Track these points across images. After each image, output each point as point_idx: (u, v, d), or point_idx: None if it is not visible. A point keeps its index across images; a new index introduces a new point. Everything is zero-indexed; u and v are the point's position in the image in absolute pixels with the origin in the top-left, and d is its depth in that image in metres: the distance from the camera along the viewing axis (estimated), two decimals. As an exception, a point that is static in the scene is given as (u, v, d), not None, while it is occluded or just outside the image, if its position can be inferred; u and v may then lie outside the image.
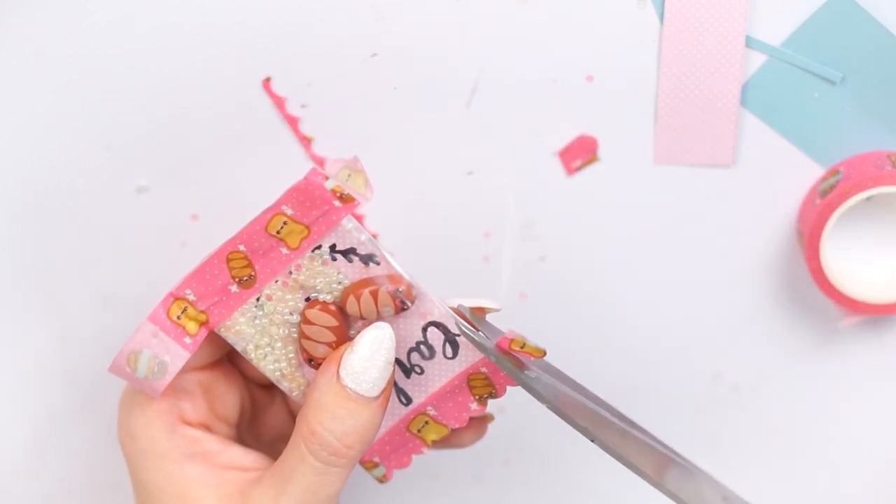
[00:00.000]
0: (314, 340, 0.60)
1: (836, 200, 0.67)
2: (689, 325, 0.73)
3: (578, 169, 0.71)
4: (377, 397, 0.58)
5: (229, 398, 0.63)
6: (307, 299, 0.60)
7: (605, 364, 0.73)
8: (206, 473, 0.60)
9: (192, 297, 0.59)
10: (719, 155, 0.70)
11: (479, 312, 0.62)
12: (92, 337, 0.73)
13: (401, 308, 0.59)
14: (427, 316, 0.60)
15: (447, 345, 0.60)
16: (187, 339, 0.59)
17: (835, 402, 0.74)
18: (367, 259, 0.59)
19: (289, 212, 0.58)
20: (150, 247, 0.72)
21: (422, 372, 0.61)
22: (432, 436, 0.63)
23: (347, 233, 0.59)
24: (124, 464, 0.74)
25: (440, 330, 0.60)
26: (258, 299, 0.59)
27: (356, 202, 0.58)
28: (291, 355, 0.61)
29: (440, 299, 0.60)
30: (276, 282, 0.59)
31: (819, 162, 0.70)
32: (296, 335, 0.60)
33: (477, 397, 0.62)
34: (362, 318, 0.60)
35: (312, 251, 0.59)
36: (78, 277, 0.72)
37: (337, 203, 0.58)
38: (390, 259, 0.59)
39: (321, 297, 0.60)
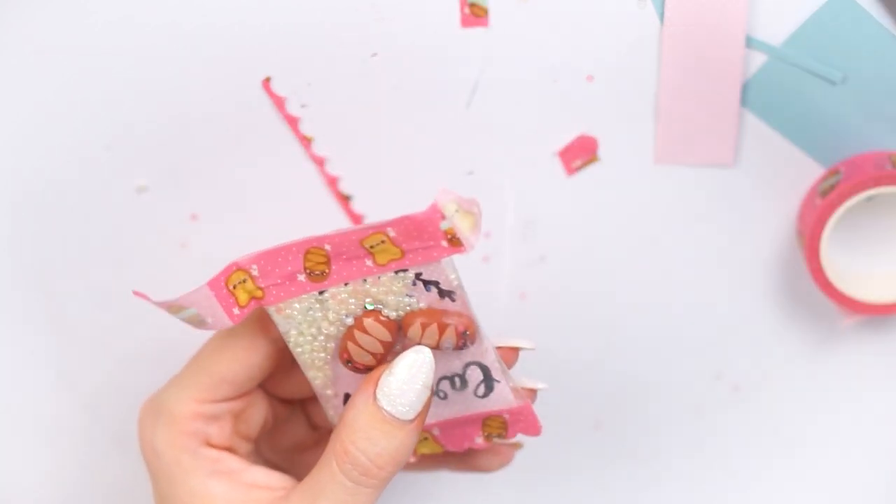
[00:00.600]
0: (362, 348, 0.59)
1: (837, 200, 0.67)
2: (689, 325, 0.73)
3: (578, 169, 0.71)
4: (412, 420, 0.58)
5: (254, 419, 0.63)
6: (366, 307, 0.59)
7: (605, 364, 0.73)
8: (231, 491, 0.60)
9: (255, 273, 0.59)
10: (719, 155, 0.70)
11: (513, 353, 0.62)
12: (92, 337, 0.73)
13: (460, 348, 0.59)
14: (475, 357, 0.60)
15: (482, 385, 0.60)
16: (235, 310, 0.59)
17: (835, 402, 0.74)
18: (446, 294, 0.59)
19: (391, 234, 0.57)
20: (150, 247, 0.72)
21: (444, 397, 0.61)
22: (424, 449, 0.63)
23: (440, 270, 0.58)
24: (124, 464, 0.74)
25: (481, 371, 0.60)
26: (321, 293, 0.59)
27: (463, 248, 0.57)
28: (330, 351, 0.60)
29: (493, 345, 0.60)
30: (347, 285, 0.59)
31: (819, 162, 0.70)
32: (341, 334, 0.60)
33: (485, 434, 0.62)
34: (419, 344, 0.59)
35: (396, 272, 0.58)
36: (78, 277, 0.72)
37: (444, 244, 0.57)
38: (468, 301, 0.59)
39: (385, 311, 0.59)
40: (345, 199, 0.71)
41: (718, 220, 0.71)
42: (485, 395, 0.61)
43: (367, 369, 0.60)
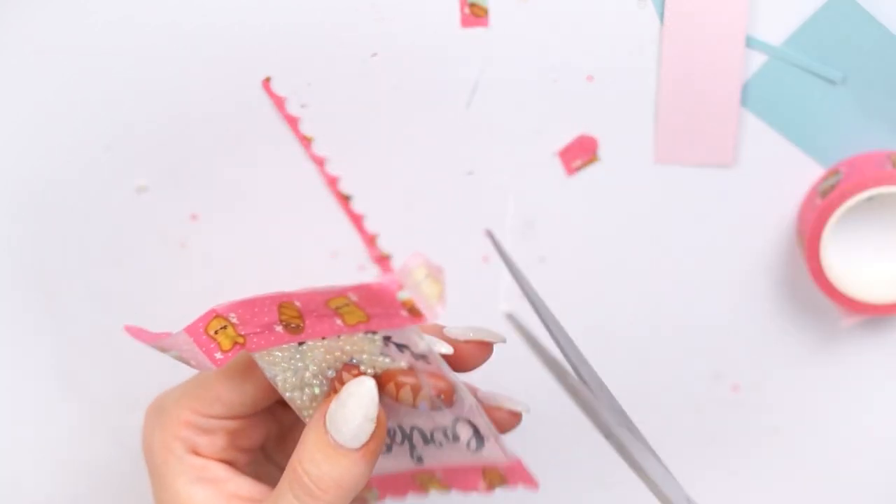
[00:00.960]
0: None
1: (837, 200, 0.67)
2: (688, 326, 0.73)
3: (578, 169, 0.71)
4: (357, 449, 0.58)
5: (254, 435, 0.64)
6: (345, 362, 0.59)
7: (604, 364, 0.73)
8: (212, 498, 0.61)
9: (234, 320, 0.59)
10: (719, 155, 0.70)
11: (513, 416, 0.62)
12: (92, 337, 0.73)
13: (436, 409, 0.59)
14: (461, 414, 0.60)
15: (473, 440, 0.60)
16: (218, 355, 0.59)
17: (835, 402, 0.74)
18: (419, 357, 0.58)
19: (353, 298, 0.56)
20: (150, 247, 0.72)
21: (441, 446, 0.61)
22: (435, 487, 0.63)
23: (407, 335, 0.58)
24: (124, 464, 0.75)
25: (470, 427, 0.60)
26: (301, 344, 0.59)
27: (422, 318, 0.56)
28: (316, 399, 0.60)
29: (476, 404, 0.60)
30: (323, 339, 0.59)
31: (819, 162, 0.70)
32: (325, 388, 0.60)
33: (487, 482, 0.62)
34: (395, 401, 0.59)
35: (366, 333, 0.58)
36: (78, 277, 0.72)
37: (404, 313, 0.56)
38: (442, 364, 0.59)
39: (362, 368, 0.59)
40: (345, 199, 0.71)
41: (718, 220, 0.71)
42: (477, 450, 0.61)
43: None
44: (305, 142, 0.70)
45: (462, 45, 0.69)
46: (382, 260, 0.72)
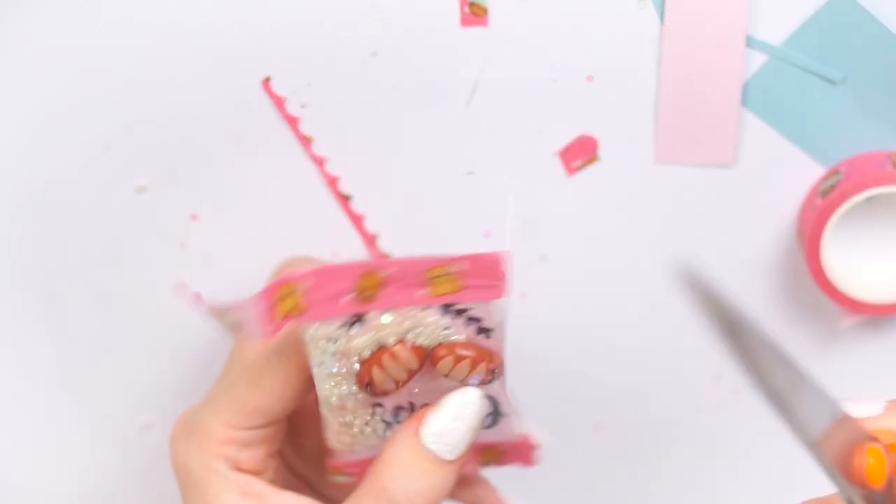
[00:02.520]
0: (387, 374, 0.58)
1: (837, 200, 0.67)
2: (689, 327, 0.73)
3: (578, 169, 0.71)
4: (453, 461, 0.58)
5: (280, 438, 0.63)
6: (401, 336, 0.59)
7: (604, 364, 0.73)
8: None
9: (303, 287, 0.57)
10: (720, 155, 0.70)
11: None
12: (92, 337, 0.73)
13: (485, 384, 0.59)
14: (488, 390, 0.59)
15: (489, 417, 0.60)
16: (269, 327, 0.57)
17: (835, 402, 0.74)
18: (484, 331, 0.58)
19: (457, 268, 0.56)
20: (150, 247, 0.72)
21: None
22: None
23: (490, 309, 0.58)
24: (124, 464, 0.74)
25: (492, 403, 0.59)
26: (360, 316, 0.57)
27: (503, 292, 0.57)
28: (348, 376, 0.60)
29: (503, 382, 0.59)
30: (388, 311, 0.57)
31: (820, 162, 0.70)
32: (364, 359, 0.59)
33: (481, 461, 0.61)
34: (446, 376, 0.58)
35: (445, 306, 0.58)
36: (78, 277, 0.72)
37: (502, 284, 0.56)
38: (503, 341, 0.58)
39: (418, 341, 0.58)
40: (345, 199, 0.71)
41: (718, 220, 0.71)
42: (489, 427, 0.60)
43: (384, 395, 0.59)
44: (305, 142, 0.70)
45: (462, 44, 0.69)
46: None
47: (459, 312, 0.57)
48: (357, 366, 0.58)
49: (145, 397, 0.73)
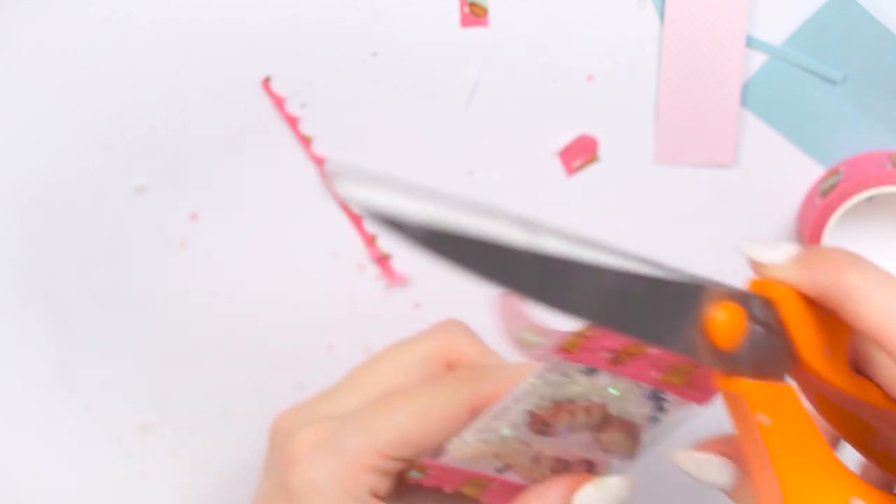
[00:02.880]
0: (570, 419, 0.58)
1: (837, 200, 0.67)
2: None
3: (578, 169, 0.71)
4: None
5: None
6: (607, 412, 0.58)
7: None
8: None
9: (589, 334, 0.55)
10: (720, 155, 0.70)
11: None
12: (92, 337, 0.73)
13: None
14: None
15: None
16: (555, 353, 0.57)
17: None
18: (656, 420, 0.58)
19: (687, 372, 0.56)
20: (149, 247, 0.72)
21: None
22: (471, 492, 0.61)
23: (681, 408, 0.58)
24: (124, 464, 0.74)
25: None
26: (592, 370, 0.57)
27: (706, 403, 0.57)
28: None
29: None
30: (618, 376, 0.57)
31: (819, 162, 0.70)
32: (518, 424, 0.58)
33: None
34: (573, 431, 0.59)
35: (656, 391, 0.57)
36: (78, 277, 0.72)
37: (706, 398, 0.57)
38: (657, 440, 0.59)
39: (611, 407, 0.58)
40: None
41: (718, 220, 0.71)
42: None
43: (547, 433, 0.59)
44: (305, 142, 0.70)
45: (462, 44, 0.69)
46: (382, 260, 0.72)
47: (658, 399, 0.57)
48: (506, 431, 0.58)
49: (145, 397, 0.73)
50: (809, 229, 0.68)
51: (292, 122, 0.70)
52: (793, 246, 0.50)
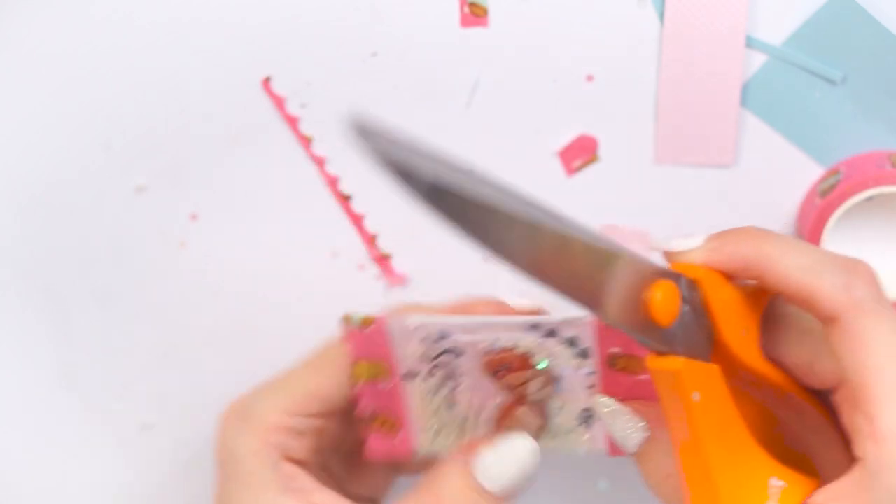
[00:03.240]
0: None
1: (837, 200, 0.67)
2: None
3: (578, 169, 0.71)
4: (504, 498, 0.58)
5: (331, 433, 0.63)
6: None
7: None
8: None
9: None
10: (719, 155, 0.70)
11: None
12: (92, 337, 0.73)
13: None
14: None
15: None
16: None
17: (835, 402, 0.74)
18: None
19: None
20: (149, 247, 0.72)
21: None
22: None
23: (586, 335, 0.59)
24: (124, 464, 0.74)
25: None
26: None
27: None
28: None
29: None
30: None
31: (819, 162, 0.70)
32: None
33: None
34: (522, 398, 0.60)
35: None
36: (78, 277, 0.72)
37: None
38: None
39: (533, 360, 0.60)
40: (345, 199, 0.71)
41: (718, 220, 0.71)
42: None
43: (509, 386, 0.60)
44: (305, 142, 0.70)
45: (462, 45, 0.69)
46: (382, 260, 0.72)
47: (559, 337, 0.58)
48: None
49: (145, 397, 0.73)
50: (809, 229, 0.68)
51: (292, 122, 0.70)
52: (703, 234, 0.53)
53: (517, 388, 0.59)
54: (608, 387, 0.59)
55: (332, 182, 0.71)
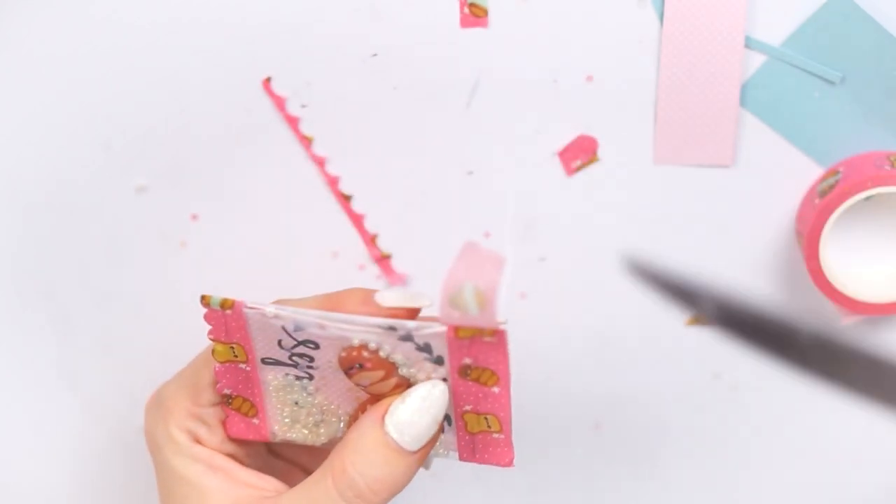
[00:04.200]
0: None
1: (836, 200, 0.67)
2: (688, 326, 0.73)
3: (578, 169, 0.71)
4: (416, 452, 0.58)
5: None
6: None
7: (604, 364, 0.73)
8: (225, 485, 0.60)
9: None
10: (719, 155, 0.70)
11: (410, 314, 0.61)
12: (92, 337, 0.73)
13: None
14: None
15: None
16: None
17: (835, 402, 0.74)
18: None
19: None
20: (150, 247, 0.72)
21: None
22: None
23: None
24: (124, 464, 0.74)
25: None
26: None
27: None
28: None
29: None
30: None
31: (819, 162, 0.70)
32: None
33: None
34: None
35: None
36: (78, 277, 0.72)
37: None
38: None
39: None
40: (345, 199, 0.71)
41: (718, 220, 0.71)
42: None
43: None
44: (305, 142, 0.70)
45: (462, 45, 0.69)
46: (382, 260, 0.72)
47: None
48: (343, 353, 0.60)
49: (145, 397, 0.73)
50: (808, 229, 0.68)
51: (292, 122, 0.70)
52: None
53: (367, 387, 0.59)
54: (459, 396, 0.59)
55: (332, 182, 0.71)
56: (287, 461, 0.66)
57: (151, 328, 0.72)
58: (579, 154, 0.70)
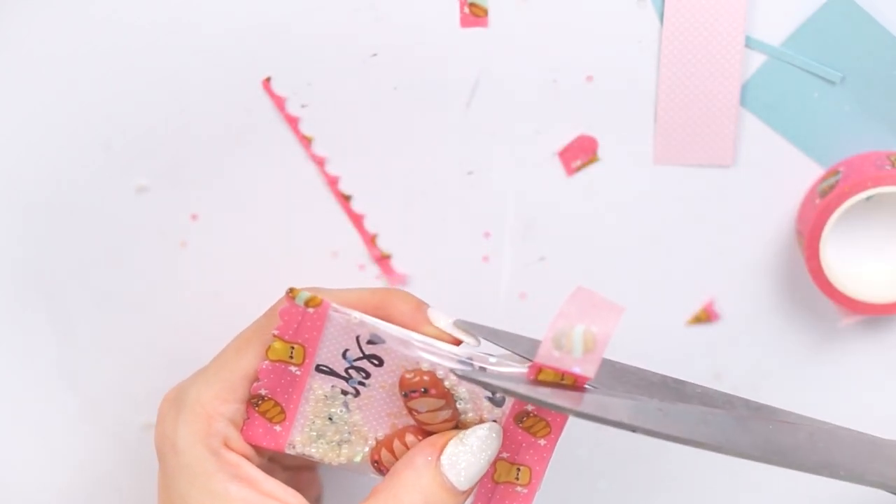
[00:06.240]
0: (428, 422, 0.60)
1: (836, 200, 0.67)
2: (688, 326, 0.73)
3: (578, 169, 0.71)
4: (465, 491, 0.58)
5: None
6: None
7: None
8: (250, 497, 0.59)
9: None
10: (719, 155, 0.70)
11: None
12: (92, 337, 0.73)
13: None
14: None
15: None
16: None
17: (835, 402, 0.74)
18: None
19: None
20: (150, 247, 0.72)
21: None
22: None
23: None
24: (124, 464, 0.74)
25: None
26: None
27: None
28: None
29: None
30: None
31: (819, 162, 0.70)
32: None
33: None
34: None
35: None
36: (78, 277, 0.72)
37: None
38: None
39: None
40: (345, 199, 0.71)
41: (718, 220, 0.71)
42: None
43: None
44: (305, 142, 0.70)
45: (462, 45, 0.69)
46: (382, 260, 0.72)
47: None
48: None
49: (145, 397, 0.73)
50: (808, 229, 0.68)
51: (292, 122, 0.70)
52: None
53: (421, 413, 0.59)
54: (504, 441, 0.59)
55: (332, 182, 0.71)
56: (275, 472, 0.66)
57: (151, 328, 0.72)
58: (579, 154, 0.70)
